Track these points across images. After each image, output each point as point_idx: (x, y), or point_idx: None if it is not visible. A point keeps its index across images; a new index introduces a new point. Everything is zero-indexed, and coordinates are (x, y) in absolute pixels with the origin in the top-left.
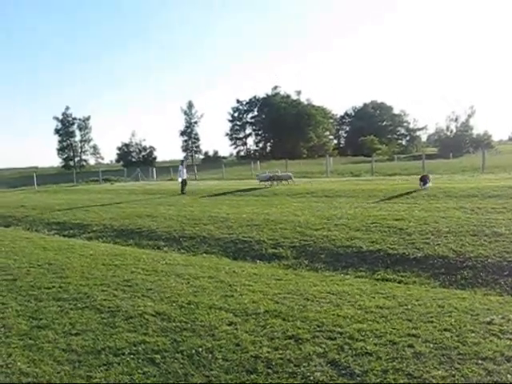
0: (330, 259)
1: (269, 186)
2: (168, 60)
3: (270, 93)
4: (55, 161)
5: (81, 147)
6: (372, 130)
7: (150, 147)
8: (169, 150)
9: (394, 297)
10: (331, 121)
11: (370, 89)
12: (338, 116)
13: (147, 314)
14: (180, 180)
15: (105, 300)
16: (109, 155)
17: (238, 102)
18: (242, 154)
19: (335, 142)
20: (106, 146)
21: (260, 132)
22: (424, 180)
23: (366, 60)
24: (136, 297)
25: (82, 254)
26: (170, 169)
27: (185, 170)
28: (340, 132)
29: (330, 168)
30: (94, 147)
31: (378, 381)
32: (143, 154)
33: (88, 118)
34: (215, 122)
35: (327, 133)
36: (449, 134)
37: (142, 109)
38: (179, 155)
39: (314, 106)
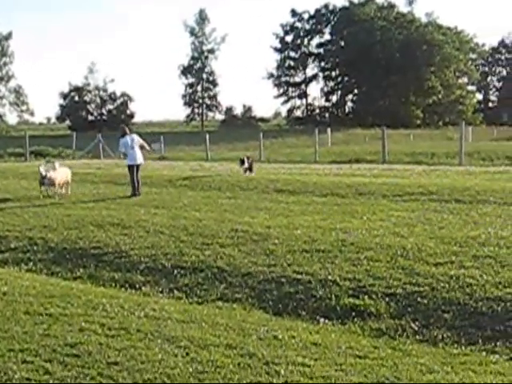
0: (462, 323)
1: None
2: None
3: None
4: None
5: None
6: None
7: (123, 95)
8: (158, 102)
9: None
10: (473, 56)
11: None
12: (487, 48)
13: None
14: (129, 164)
15: None
16: (43, 109)
17: (293, 14)
18: (297, 114)
19: (479, 97)
20: (37, 93)
21: (334, 74)
22: None
23: None
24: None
25: None
26: (160, 137)
27: (136, 147)
28: (489, 79)
29: (467, 147)
30: (18, 92)
31: None
32: (110, 107)
33: (8, 36)
34: (248, 54)
35: (464, 79)
36: None
37: (105, 28)
38: (178, 113)
39: (439, 26)
